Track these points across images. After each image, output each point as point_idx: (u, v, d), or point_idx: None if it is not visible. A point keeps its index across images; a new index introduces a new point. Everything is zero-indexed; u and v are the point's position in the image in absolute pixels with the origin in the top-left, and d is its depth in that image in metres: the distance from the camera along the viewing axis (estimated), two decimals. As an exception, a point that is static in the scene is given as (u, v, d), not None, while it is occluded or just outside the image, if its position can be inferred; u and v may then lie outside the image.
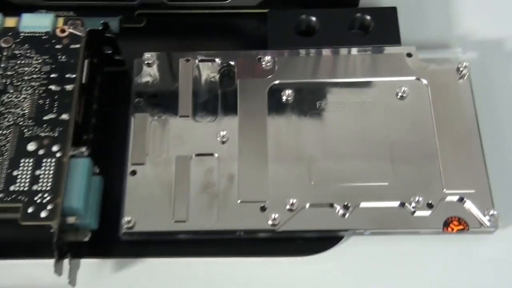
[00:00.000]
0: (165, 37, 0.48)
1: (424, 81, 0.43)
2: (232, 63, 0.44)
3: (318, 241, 0.40)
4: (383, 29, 0.45)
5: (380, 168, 0.40)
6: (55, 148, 0.37)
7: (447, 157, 0.41)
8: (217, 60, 0.44)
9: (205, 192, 0.40)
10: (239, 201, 0.40)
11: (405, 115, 0.42)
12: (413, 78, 0.43)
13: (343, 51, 0.44)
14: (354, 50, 0.44)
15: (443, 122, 0.42)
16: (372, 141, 0.41)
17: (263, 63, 0.44)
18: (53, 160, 0.37)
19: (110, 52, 0.44)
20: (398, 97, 0.43)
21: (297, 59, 0.44)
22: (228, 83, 0.44)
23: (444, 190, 0.40)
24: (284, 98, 0.43)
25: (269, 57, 0.44)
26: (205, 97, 0.43)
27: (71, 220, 0.36)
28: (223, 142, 0.42)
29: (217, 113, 0.43)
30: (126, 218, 0.39)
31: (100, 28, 0.41)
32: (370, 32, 0.45)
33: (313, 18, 0.46)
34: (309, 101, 0.43)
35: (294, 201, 0.39)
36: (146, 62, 0.44)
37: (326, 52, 0.44)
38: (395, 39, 0.45)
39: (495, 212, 0.39)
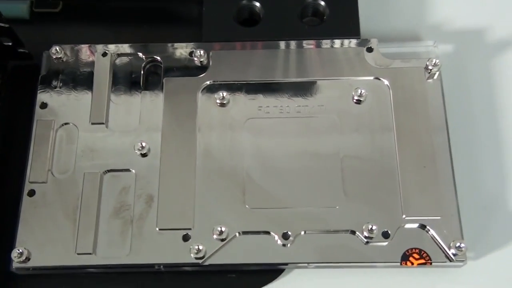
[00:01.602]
0: (84, 24, 0.40)
1: (386, 82, 0.36)
2: (158, 58, 0.37)
3: (254, 275, 0.34)
4: (340, 18, 0.38)
5: (329, 189, 0.34)
6: None
7: (409, 175, 0.34)
8: (140, 54, 0.37)
9: (118, 217, 0.33)
10: (157, 228, 0.33)
11: (362, 123, 0.35)
12: (372, 78, 0.36)
13: (291, 44, 0.38)
14: (304, 44, 0.38)
15: (406, 132, 0.35)
16: (320, 155, 0.35)
17: (196, 58, 0.37)
18: None
19: (10, 44, 0.36)
20: (354, 100, 0.36)
21: (236, 54, 0.37)
22: (153, 82, 0.37)
23: (404, 216, 0.33)
24: (218, 101, 0.36)
25: (202, 52, 0.37)
26: (124, 99, 0.36)
27: None
28: (142, 155, 0.35)
29: (138, 119, 0.36)
30: (17, 250, 0.32)
31: (-12, 16, 0.34)
32: (325, 21, 0.38)
33: (257, 4, 0.39)
34: (249, 105, 0.36)
35: (224, 228, 0.33)
36: (55, 56, 0.37)
37: (271, 45, 0.38)
38: (354, 30, 0.38)
39: (462, 245, 0.32)
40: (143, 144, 0.35)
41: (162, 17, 0.40)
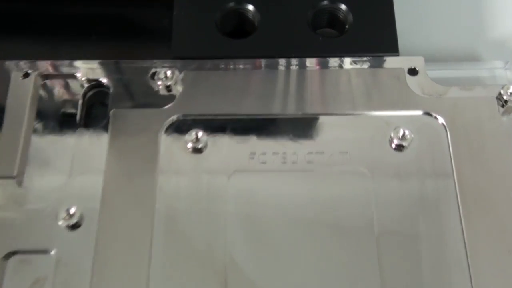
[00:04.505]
0: (12, 36, 0.30)
1: (440, 119, 0.25)
2: (105, 81, 0.27)
3: None
4: (369, 28, 0.28)
5: (360, 282, 0.22)
6: None
7: (484, 264, 0.23)
8: (79, 75, 0.27)
9: (24, 328, 0.22)
10: None
11: (406, 180, 0.24)
12: (420, 112, 0.26)
13: (299, 63, 0.27)
14: (318, 63, 0.27)
15: (476, 195, 0.24)
16: (345, 230, 0.23)
17: (160, 81, 0.26)
18: None
19: None
20: (393, 146, 0.25)
21: (219, 77, 0.27)
22: (96, 115, 0.27)
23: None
24: (190, 144, 0.25)
25: (169, 72, 0.26)
26: (51, 141, 0.25)
27: None
28: (70, 228, 0.23)
29: (68, 170, 0.25)
30: None
31: None
32: (347, 32, 0.27)
33: (250, 8, 0.28)
34: (236, 151, 0.25)
35: None
36: (-45, 77, 0.26)
37: (269, 65, 0.27)
38: (390, 45, 0.27)
39: None
40: (72, 210, 0.23)
41: (117, 26, 0.30)
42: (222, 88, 0.26)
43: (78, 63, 0.27)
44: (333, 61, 0.27)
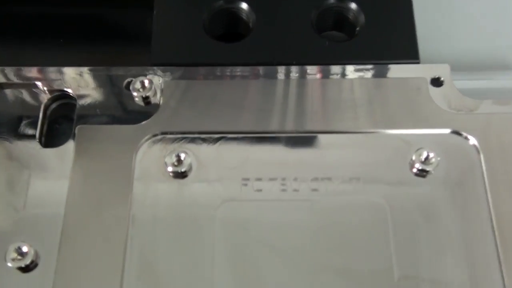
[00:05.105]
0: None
1: (472, 139, 0.22)
2: (71, 91, 0.23)
3: None
4: (384, 31, 0.24)
5: None
6: None
7: None
8: (40, 84, 0.23)
9: None
10: None
11: (431, 212, 0.21)
12: (447, 131, 0.22)
13: (300, 71, 0.23)
14: (322, 71, 0.23)
15: None
16: (358, 274, 0.19)
17: (135, 92, 0.23)
18: None
19: None
20: (415, 171, 0.21)
21: (206, 88, 0.23)
22: (60, 132, 0.24)
23: None
24: (171, 168, 0.21)
25: (147, 82, 0.23)
26: (3, 163, 0.22)
27: None
28: (23, 270, 0.19)
29: (23, 200, 0.21)
30: None
31: None
32: (358, 35, 0.24)
33: (243, 6, 0.25)
34: (226, 176, 0.21)
35: None
36: None
37: (266, 73, 0.23)
38: (408, 51, 0.24)
39: None
40: (25, 249, 0.19)
41: (89, 28, 0.26)
42: (210, 101, 0.23)
43: (39, 70, 0.23)
44: (341, 70, 0.23)
